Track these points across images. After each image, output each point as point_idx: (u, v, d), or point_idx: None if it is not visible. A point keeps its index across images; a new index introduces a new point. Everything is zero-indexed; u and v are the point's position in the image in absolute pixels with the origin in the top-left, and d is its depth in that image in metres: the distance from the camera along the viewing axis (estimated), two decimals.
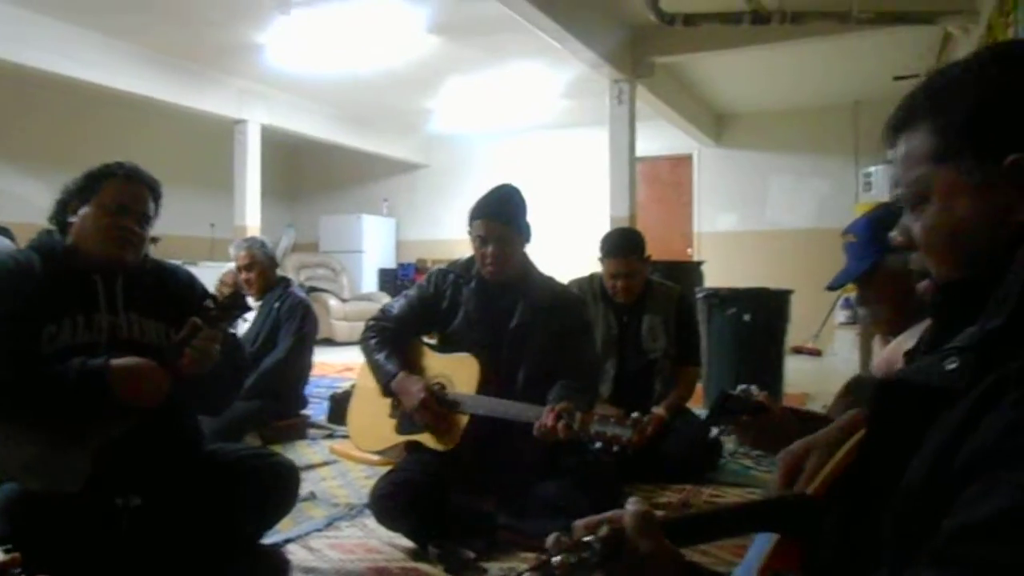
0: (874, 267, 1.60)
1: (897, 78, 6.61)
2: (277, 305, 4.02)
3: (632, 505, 0.84)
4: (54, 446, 1.78)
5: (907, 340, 1.55)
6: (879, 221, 1.62)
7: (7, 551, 1.04)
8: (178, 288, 2.11)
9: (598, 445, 2.08)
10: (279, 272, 4.29)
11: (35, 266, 1.92)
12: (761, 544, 1.46)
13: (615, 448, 2.06)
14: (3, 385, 1.73)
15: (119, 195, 1.97)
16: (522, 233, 2.58)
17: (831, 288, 1.70)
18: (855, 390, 1.63)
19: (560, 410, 2.16)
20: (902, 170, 0.86)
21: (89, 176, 2.00)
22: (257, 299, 4.08)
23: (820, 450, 1.03)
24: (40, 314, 1.85)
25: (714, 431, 1.60)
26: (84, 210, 1.97)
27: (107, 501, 1.84)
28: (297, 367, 4.05)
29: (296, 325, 3.96)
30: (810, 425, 1.64)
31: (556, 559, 0.75)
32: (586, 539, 0.78)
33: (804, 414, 1.70)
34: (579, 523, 0.87)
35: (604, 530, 0.81)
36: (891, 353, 1.60)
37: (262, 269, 4.10)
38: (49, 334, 1.84)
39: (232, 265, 4.79)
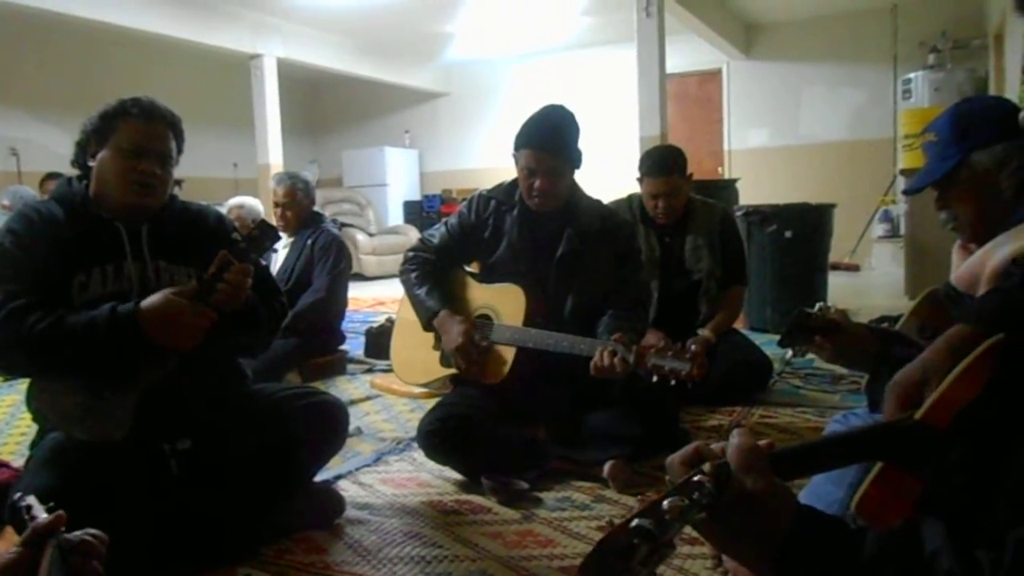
0: (958, 167, 1.47)
1: None
2: (310, 242, 3.94)
3: (736, 438, 0.77)
4: (95, 394, 1.73)
5: (997, 248, 1.43)
6: (963, 116, 1.48)
7: (50, 510, 0.97)
8: (208, 229, 2.01)
9: (655, 379, 1.99)
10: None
11: (58, 217, 1.84)
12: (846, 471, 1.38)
13: (672, 382, 1.97)
14: (37, 336, 1.66)
15: (136, 136, 1.85)
16: (573, 162, 2.40)
17: (909, 192, 1.58)
18: (945, 303, 1.52)
19: (613, 345, 2.07)
20: None
21: (104, 115, 1.88)
22: (290, 235, 4.00)
23: (939, 376, 0.94)
24: (68, 266, 1.78)
25: (789, 352, 1.51)
26: (102, 154, 1.86)
27: (155, 446, 1.80)
28: (334, 304, 4.00)
29: (331, 263, 3.88)
30: (888, 340, 1.55)
31: (666, 502, 0.68)
32: (696, 479, 0.71)
33: (881, 330, 1.60)
34: (675, 458, 0.80)
35: (708, 467, 0.74)
36: (976, 264, 1.48)
37: (299, 209, 4.01)
38: (79, 284, 1.78)
39: (233, 201, 4.71)
